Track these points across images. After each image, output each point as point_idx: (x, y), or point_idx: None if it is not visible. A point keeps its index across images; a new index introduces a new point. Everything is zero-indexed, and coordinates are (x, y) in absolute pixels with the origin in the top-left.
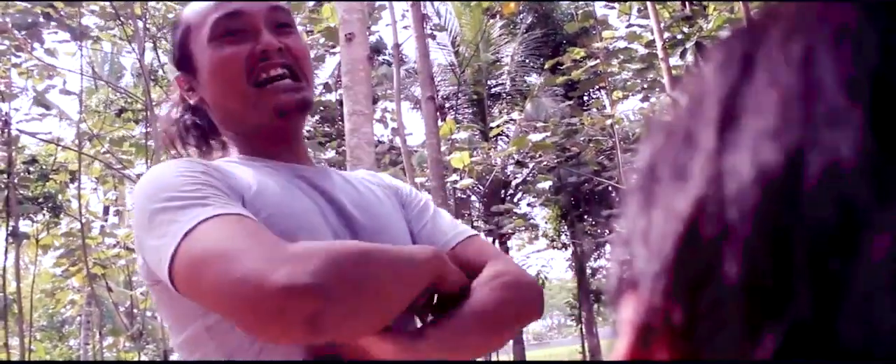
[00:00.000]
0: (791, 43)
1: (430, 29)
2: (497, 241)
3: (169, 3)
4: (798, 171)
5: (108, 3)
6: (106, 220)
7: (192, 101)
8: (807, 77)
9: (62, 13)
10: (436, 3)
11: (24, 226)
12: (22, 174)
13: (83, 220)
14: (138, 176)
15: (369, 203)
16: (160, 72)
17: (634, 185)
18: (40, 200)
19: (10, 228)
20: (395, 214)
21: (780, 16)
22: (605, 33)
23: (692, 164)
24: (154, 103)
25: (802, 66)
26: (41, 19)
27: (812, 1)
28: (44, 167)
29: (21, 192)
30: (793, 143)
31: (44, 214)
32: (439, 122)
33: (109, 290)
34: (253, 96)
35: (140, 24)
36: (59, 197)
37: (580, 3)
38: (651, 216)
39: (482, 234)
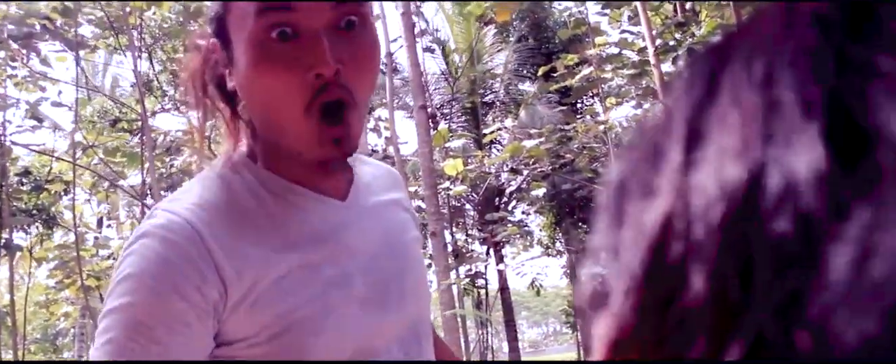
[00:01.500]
0: (753, 62)
1: (428, 42)
2: (491, 250)
3: None
4: (758, 187)
5: (103, 14)
6: (100, 232)
7: (229, 86)
8: (766, 96)
9: (58, 24)
10: (426, 13)
11: (18, 238)
12: (15, 186)
13: (77, 232)
14: (131, 187)
15: (391, 239)
16: (155, 81)
17: (606, 200)
18: (34, 212)
19: (3, 241)
20: (413, 246)
21: (746, 33)
22: (598, 40)
23: (659, 180)
24: (148, 114)
25: (763, 86)
26: (37, 29)
27: (774, 20)
28: (37, 178)
29: (14, 203)
30: (753, 160)
31: (37, 226)
32: (432, 131)
33: (103, 301)
34: (299, 126)
35: (135, 33)
36: (53, 209)
37: (572, 9)
38: (620, 232)
39: (477, 243)
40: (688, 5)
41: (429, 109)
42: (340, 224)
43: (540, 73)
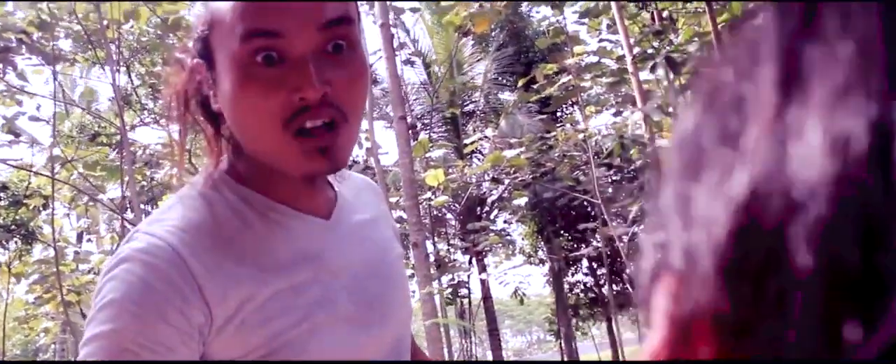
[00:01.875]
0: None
1: (407, 55)
2: (473, 259)
3: None
4: (886, 141)
5: (80, 28)
6: (80, 247)
7: (214, 107)
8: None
9: (35, 38)
10: (406, 22)
11: None
12: None
13: (57, 247)
14: (111, 201)
15: (375, 257)
16: (133, 95)
17: (676, 157)
18: (12, 227)
19: None
20: (397, 263)
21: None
22: (576, 48)
23: (748, 132)
24: (127, 127)
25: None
26: (13, 43)
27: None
28: (15, 193)
29: None
30: (872, 112)
31: (16, 242)
32: (412, 142)
33: (84, 316)
34: (281, 151)
35: (113, 47)
36: (32, 224)
37: (551, 18)
38: (698, 193)
39: (459, 252)
40: (664, 14)
41: (409, 120)
42: (325, 243)
43: (520, 83)
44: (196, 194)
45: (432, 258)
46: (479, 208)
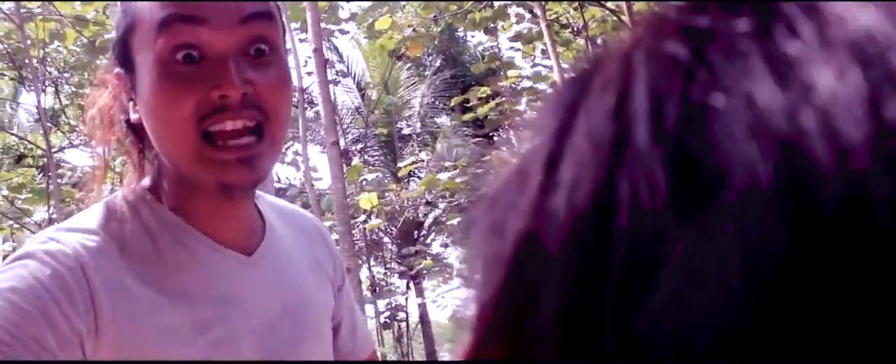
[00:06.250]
0: (607, 93)
1: (335, 74)
2: (411, 282)
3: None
4: (604, 211)
5: (2, 47)
6: None
7: (133, 118)
8: (617, 126)
9: None
10: (340, 47)
11: None
12: None
13: None
14: (37, 224)
15: (294, 305)
16: (62, 116)
17: (477, 216)
18: None
19: None
20: (319, 312)
21: (603, 63)
22: (510, 73)
23: (521, 201)
24: (54, 150)
25: (614, 116)
26: None
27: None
28: None
29: None
30: (601, 185)
31: None
32: (345, 167)
33: None
34: (197, 153)
35: (39, 67)
36: None
37: (486, 44)
38: (484, 251)
39: (396, 276)
40: (599, 40)
41: (342, 145)
42: (240, 281)
43: (452, 102)
44: (115, 208)
45: (368, 283)
46: (415, 232)
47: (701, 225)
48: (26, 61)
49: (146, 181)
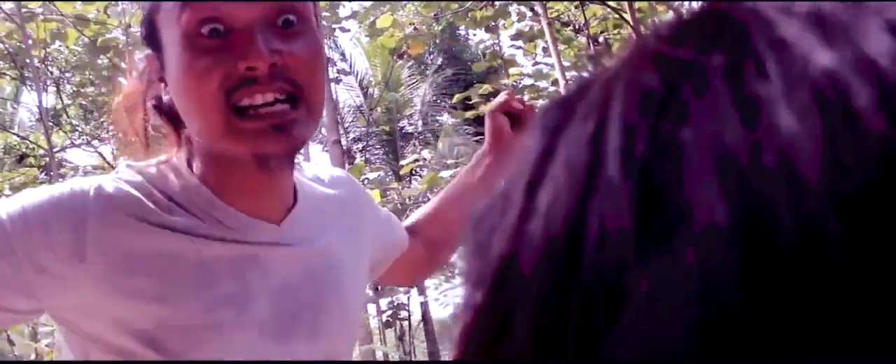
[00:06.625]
0: (588, 120)
1: (336, 73)
2: None
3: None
4: (576, 239)
5: (3, 46)
6: None
7: (164, 98)
8: (592, 155)
9: None
10: (341, 44)
11: None
12: None
13: None
14: None
15: (320, 274)
16: (64, 116)
17: (467, 235)
18: None
19: None
20: (345, 286)
21: (589, 88)
22: (512, 70)
23: (503, 223)
24: (55, 150)
25: (590, 145)
26: None
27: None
28: None
29: None
30: (573, 212)
31: None
32: (347, 165)
33: (11, 343)
34: (226, 124)
35: (41, 66)
36: None
37: (487, 42)
38: (470, 269)
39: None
40: (601, 38)
41: (344, 144)
42: (265, 242)
43: (455, 99)
44: (147, 172)
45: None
46: None
47: (663, 259)
48: (28, 61)
49: (182, 152)
